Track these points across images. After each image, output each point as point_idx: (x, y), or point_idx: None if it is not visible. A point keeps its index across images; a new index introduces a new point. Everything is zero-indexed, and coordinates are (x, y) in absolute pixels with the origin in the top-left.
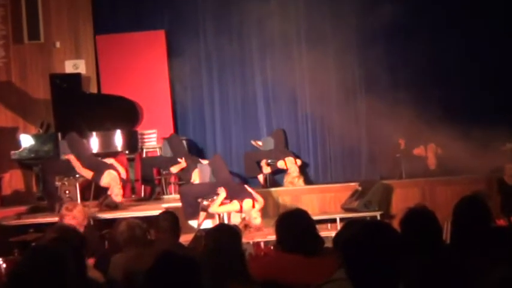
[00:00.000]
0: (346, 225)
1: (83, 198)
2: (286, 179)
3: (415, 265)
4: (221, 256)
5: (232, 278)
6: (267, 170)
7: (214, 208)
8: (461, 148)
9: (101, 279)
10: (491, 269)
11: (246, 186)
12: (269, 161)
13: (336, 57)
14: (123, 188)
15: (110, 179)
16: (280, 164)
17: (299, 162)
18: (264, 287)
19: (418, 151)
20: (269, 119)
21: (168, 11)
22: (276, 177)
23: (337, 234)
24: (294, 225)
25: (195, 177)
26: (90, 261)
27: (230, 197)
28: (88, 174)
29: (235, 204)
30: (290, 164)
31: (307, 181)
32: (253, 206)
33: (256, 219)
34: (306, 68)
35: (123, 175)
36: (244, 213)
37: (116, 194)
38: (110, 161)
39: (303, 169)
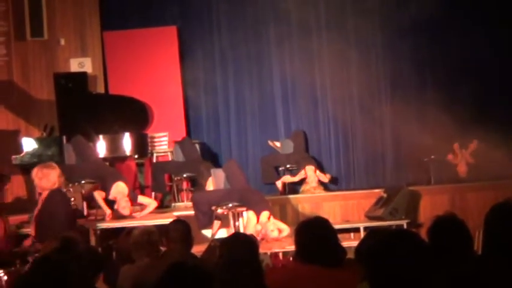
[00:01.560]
0: (369, 235)
1: (89, 207)
2: (304, 188)
3: (443, 277)
4: (236, 267)
5: None
6: (288, 179)
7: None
8: (495, 152)
9: None
10: None
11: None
12: (288, 166)
13: (359, 53)
14: (131, 200)
15: (117, 192)
16: (301, 175)
17: (319, 174)
18: None
19: (448, 159)
20: (288, 121)
21: (180, 6)
22: (295, 183)
23: (359, 245)
24: (313, 235)
25: (210, 185)
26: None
27: (246, 205)
28: (107, 211)
29: (252, 219)
30: (310, 172)
31: (327, 191)
32: (269, 218)
33: (274, 231)
34: (327, 65)
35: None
36: (261, 225)
37: (124, 206)
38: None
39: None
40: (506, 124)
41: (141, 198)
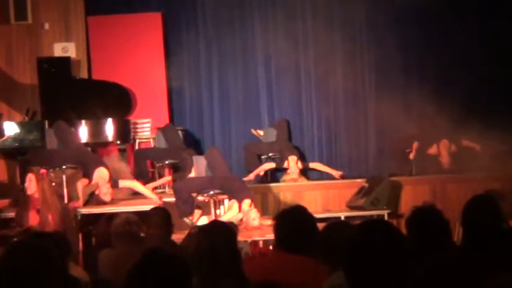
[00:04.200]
0: (328, 228)
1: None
2: (284, 178)
3: (420, 268)
4: (214, 255)
5: (225, 278)
6: (271, 165)
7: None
8: (478, 145)
9: (85, 278)
10: (501, 273)
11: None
12: (270, 154)
13: (344, 44)
14: (112, 186)
15: (99, 177)
16: (284, 165)
17: (301, 165)
18: None
19: (431, 150)
20: (271, 109)
21: None
22: (277, 171)
23: (321, 237)
24: (292, 224)
25: (193, 172)
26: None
27: (227, 193)
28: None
29: (234, 209)
30: (292, 163)
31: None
32: (251, 206)
33: (255, 220)
34: (312, 55)
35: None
36: (243, 213)
37: (105, 193)
38: None
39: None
40: (493, 116)
41: (122, 183)
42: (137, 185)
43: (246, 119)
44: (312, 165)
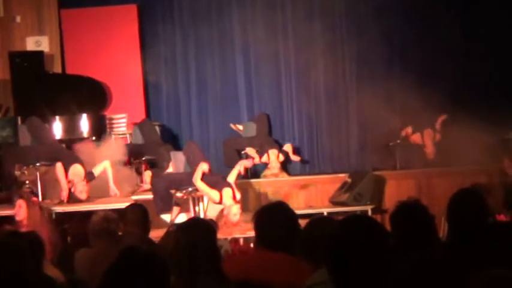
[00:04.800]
0: (311, 224)
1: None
2: (265, 173)
3: (404, 264)
4: (192, 253)
5: (204, 277)
6: (256, 159)
7: (195, 180)
8: (463, 137)
9: (60, 278)
10: (487, 268)
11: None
12: (249, 149)
13: (324, 33)
14: (87, 181)
15: (74, 174)
16: (264, 159)
17: (282, 158)
18: (240, 287)
19: (414, 138)
20: (251, 102)
21: None
22: (258, 166)
23: (304, 234)
24: (273, 220)
25: (171, 168)
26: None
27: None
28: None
29: (215, 193)
30: (273, 157)
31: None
32: (234, 198)
33: (236, 216)
34: (292, 47)
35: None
36: (224, 205)
37: (80, 190)
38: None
39: (286, 163)
40: (478, 108)
41: (95, 170)
42: (107, 165)
43: (225, 113)
44: (285, 147)
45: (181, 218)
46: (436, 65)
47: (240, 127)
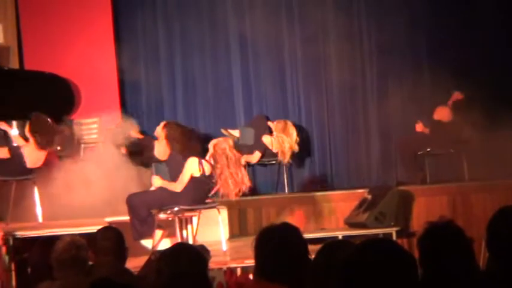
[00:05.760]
0: (324, 248)
1: None
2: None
3: None
4: (178, 286)
5: None
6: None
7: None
8: (508, 145)
9: None
10: None
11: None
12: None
13: (338, 20)
14: None
15: None
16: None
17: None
18: None
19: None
20: (248, 104)
21: None
22: (259, 180)
23: (315, 260)
24: (277, 247)
25: (156, 182)
26: None
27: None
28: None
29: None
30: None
31: (299, 187)
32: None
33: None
34: (299, 37)
35: None
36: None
37: None
38: None
39: (295, 171)
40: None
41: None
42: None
43: (217, 117)
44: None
45: (165, 244)
46: (475, 59)
47: (235, 133)
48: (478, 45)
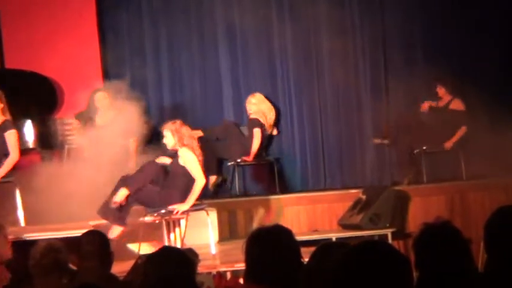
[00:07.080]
0: (319, 251)
1: None
2: None
3: None
4: None
5: None
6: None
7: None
8: (508, 143)
9: None
10: None
11: None
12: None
13: (331, 13)
14: None
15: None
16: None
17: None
18: None
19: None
20: (238, 103)
21: None
22: (250, 181)
23: (309, 264)
24: (269, 249)
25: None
26: None
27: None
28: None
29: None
30: None
31: (292, 188)
32: None
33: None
34: (290, 30)
35: None
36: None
37: None
38: None
39: (288, 172)
40: None
41: None
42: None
43: (206, 117)
44: None
45: (152, 248)
46: (471, 53)
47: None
48: (474, 39)
